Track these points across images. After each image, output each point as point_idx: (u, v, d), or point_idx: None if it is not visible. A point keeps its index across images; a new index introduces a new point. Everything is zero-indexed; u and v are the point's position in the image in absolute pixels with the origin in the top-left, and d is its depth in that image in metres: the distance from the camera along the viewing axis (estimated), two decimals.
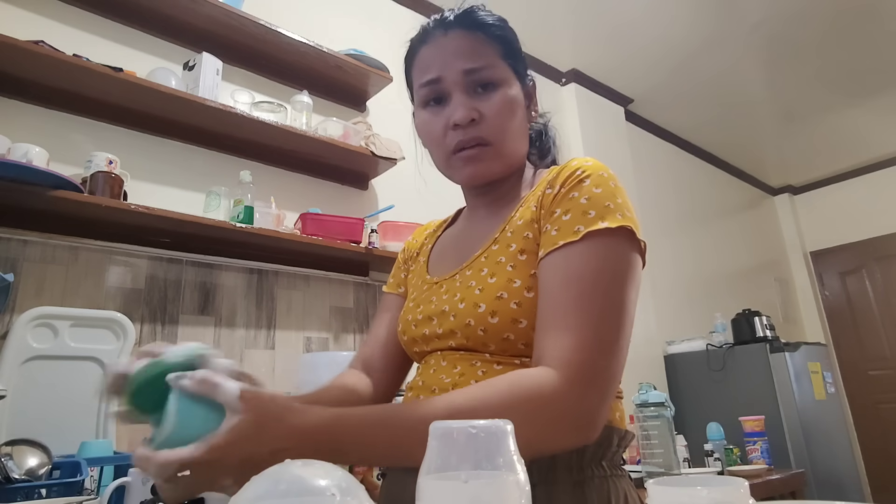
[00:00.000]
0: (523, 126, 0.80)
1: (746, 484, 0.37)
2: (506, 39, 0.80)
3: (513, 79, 0.78)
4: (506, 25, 0.82)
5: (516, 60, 0.80)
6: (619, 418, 0.71)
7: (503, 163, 0.77)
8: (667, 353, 3.23)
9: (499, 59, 0.77)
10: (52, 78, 1.46)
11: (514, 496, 0.34)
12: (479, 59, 0.76)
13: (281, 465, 0.35)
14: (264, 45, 1.88)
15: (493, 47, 0.77)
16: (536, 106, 0.84)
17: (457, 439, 0.35)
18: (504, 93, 0.76)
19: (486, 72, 0.76)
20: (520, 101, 0.78)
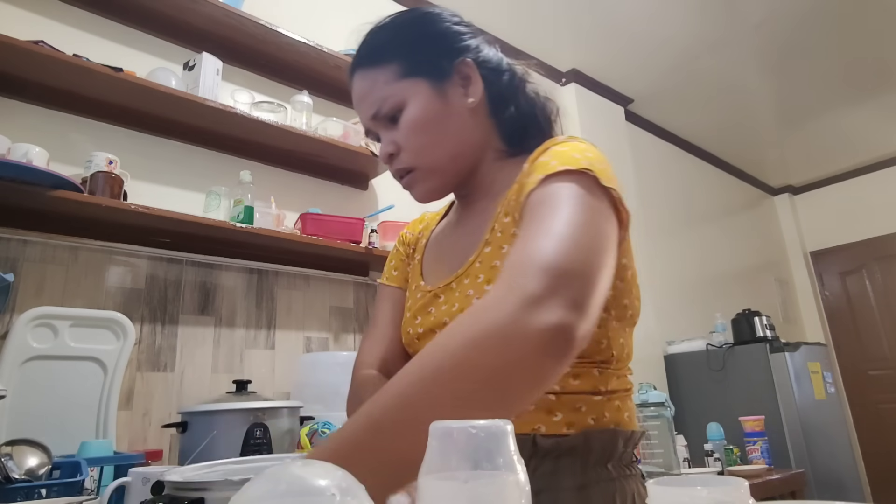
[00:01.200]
0: (449, 124, 0.74)
1: (746, 484, 0.37)
2: (402, 52, 0.75)
3: (417, 90, 0.74)
4: (394, 37, 0.77)
5: (421, 64, 0.75)
6: (628, 418, 0.69)
7: (440, 175, 0.76)
8: (667, 353, 3.23)
9: (395, 82, 0.74)
10: (52, 78, 1.46)
11: (514, 496, 0.34)
12: (376, 97, 0.75)
13: (281, 465, 0.35)
14: (264, 45, 1.88)
15: (387, 73, 0.75)
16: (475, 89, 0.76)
17: (457, 439, 0.35)
18: (407, 115, 0.73)
19: (386, 106, 0.74)
20: (430, 107, 0.73)
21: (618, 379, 0.69)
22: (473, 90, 0.76)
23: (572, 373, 0.65)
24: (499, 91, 0.79)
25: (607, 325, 0.67)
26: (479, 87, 0.76)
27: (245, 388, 1.42)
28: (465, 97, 0.76)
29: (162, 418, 1.49)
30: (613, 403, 0.68)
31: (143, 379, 1.51)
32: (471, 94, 0.76)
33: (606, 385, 0.67)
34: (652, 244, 3.47)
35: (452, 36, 0.78)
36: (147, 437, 1.48)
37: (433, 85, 0.74)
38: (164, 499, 0.68)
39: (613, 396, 0.68)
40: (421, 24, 0.79)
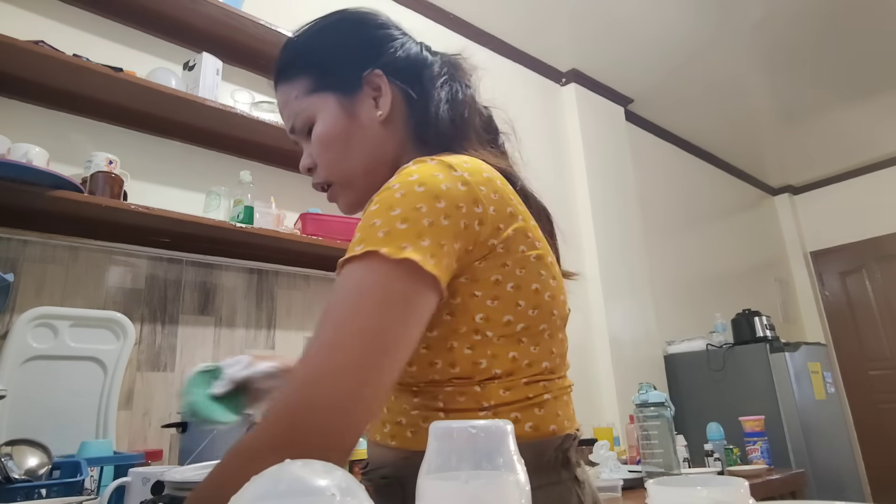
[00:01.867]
0: (358, 138, 0.73)
1: (746, 484, 0.37)
2: (307, 66, 0.75)
3: (325, 105, 0.73)
4: (305, 51, 0.76)
5: (328, 78, 0.74)
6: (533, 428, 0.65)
7: (354, 190, 0.75)
8: (667, 353, 3.23)
9: (305, 97, 0.74)
10: (52, 78, 1.46)
11: (514, 496, 0.34)
12: (290, 113, 0.76)
13: (281, 465, 0.35)
14: (264, 45, 1.88)
15: (297, 89, 0.75)
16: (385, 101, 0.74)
17: (457, 439, 0.35)
18: (316, 130, 0.73)
19: (298, 122, 0.75)
20: (336, 123, 0.73)
21: (508, 391, 0.64)
22: (383, 102, 0.74)
23: (456, 391, 0.63)
24: (418, 95, 0.75)
25: (485, 345, 0.63)
26: (388, 99, 0.74)
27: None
28: (375, 109, 0.74)
29: (162, 418, 1.49)
30: (509, 416, 0.64)
31: (142, 379, 1.51)
32: (380, 107, 0.74)
33: (493, 400, 0.63)
34: (652, 244, 3.47)
35: (364, 45, 0.76)
36: (147, 437, 1.48)
37: (340, 99, 0.74)
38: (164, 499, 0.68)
39: (502, 409, 0.64)
40: (331, 33, 0.77)
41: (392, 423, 0.67)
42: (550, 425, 0.66)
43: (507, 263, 0.63)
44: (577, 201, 3.11)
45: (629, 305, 3.06)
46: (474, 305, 0.62)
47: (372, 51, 0.76)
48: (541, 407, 0.66)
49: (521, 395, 0.65)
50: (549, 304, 0.67)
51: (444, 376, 0.63)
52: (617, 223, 3.19)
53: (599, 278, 2.93)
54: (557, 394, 0.69)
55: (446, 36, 2.76)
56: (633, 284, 3.14)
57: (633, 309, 3.08)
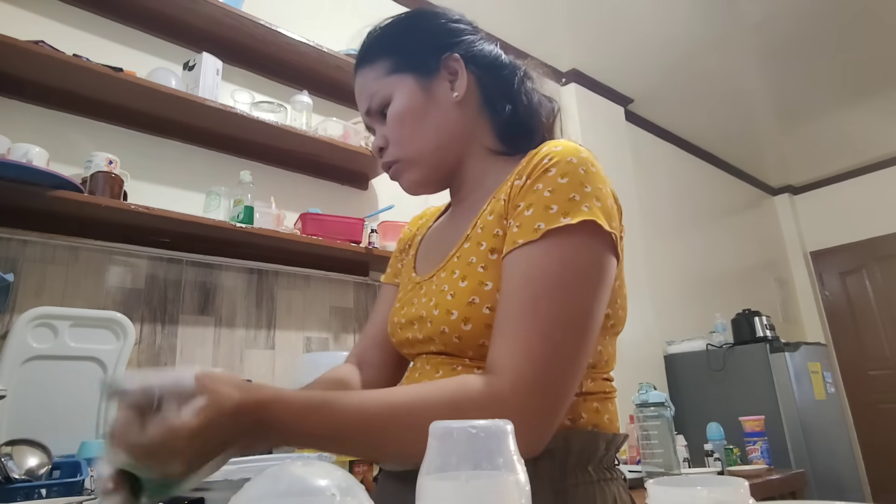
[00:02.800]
0: (433, 116, 0.76)
1: (746, 484, 0.37)
2: (392, 50, 0.78)
3: (403, 85, 0.76)
4: (384, 36, 0.80)
5: (408, 60, 0.77)
6: (609, 421, 0.69)
7: (423, 167, 0.77)
8: (667, 353, 3.23)
9: (383, 79, 0.77)
10: (52, 78, 1.46)
11: (514, 496, 0.34)
12: (367, 94, 0.78)
13: (281, 465, 0.35)
14: (264, 45, 1.88)
15: (377, 70, 0.78)
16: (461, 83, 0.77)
17: (457, 439, 0.35)
18: (392, 107, 0.76)
19: (375, 102, 0.78)
20: (413, 100, 0.76)
21: (593, 382, 0.68)
22: (458, 84, 0.77)
23: None
24: (493, 87, 0.79)
25: None
26: (465, 82, 0.77)
27: None
28: (451, 91, 0.77)
29: None
30: (591, 405, 0.67)
31: None
32: (456, 89, 0.77)
33: (580, 387, 0.66)
34: (652, 244, 3.47)
35: (443, 33, 0.79)
36: None
37: (418, 80, 0.76)
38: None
39: (589, 398, 0.67)
40: (412, 21, 0.81)
41: None
42: (616, 421, 0.71)
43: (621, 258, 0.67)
44: None
45: (629, 305, 3.05)
46: None
47: (450, 38, 0.79)
48: (612, 402, 0.72)
49: (600, 389, 0.70)
50: (623, 303, 0.73)
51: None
52: None
53: None
54: (613, 394, 0.74)
55: None
56: (632, 284, 3.11)
57: (633, 309, 3.04)
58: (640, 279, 3.20)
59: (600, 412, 0.68)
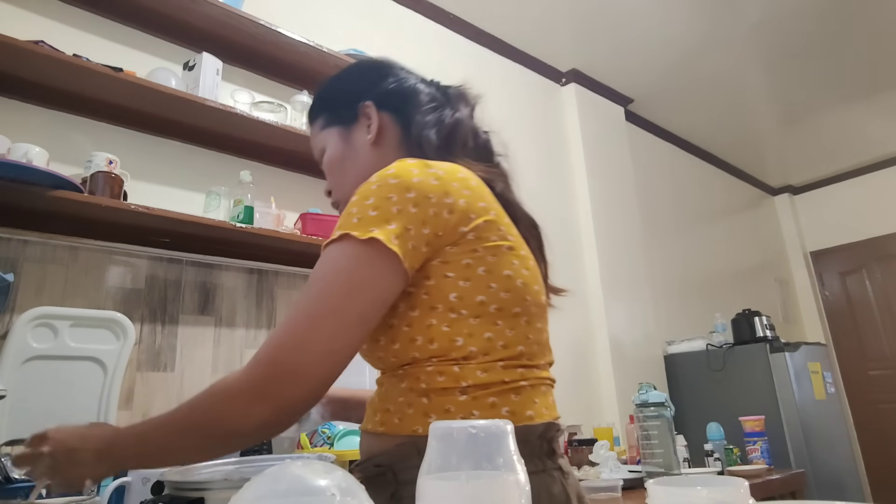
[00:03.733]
0: (352, 162, 0.87)
1: (746, 484, 0.37)
2: (321, 108, 0.92)
3: (331, 137, 0.89)
4: (318, 96, 0.94)
5: (333, 116, 0.90)
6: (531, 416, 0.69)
7: None
8: (667, 353, 3.23)
9: (319, 133, 0.91)
10: (52, 78, 1.46)
11: (514, 496, 0.34)
12: (313, 146, 0.93)
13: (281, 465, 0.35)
14: (264, 45, 1.88)
15: (316, 128, 0.92)
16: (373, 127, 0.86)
17: (457, 439, 0.35)
18: (324, 159, 0.90)
19: (317, 154, 0.92)
20: (337, 149, 0.88)
21: (486, 373, 0.68)
22: (372, 127, 0.86)
23: (436, 371, 0.68)
24: (412, 120, 0.86)
25: (461, 323, 0.69)
26: (376, 125, 0.86)
27: None
28: (367, 135, 0.87)
29: None
30: (484, 401, 0.68)
31: (143, 379, 1.51)
32: (370, 132, 0.86)
33: (469, 380, 0.67)
34: (652, 244, 3.47)
35: (360, 84, 0.91)
36: None
37: (341, 131, 0.88)
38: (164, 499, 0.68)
39: (486, 392, 0.68)
40: (342, 79, 0.93)
41: (381, 411, 0.72)
42: (527, 411, 0.70)
43: (478, 249, 0.70)
44: (577, 201, 3.11)
45: (629, 305, 3.06)
46: (447, 285, 0.69)
47: (367, 88, 0.90)
48: (517, 393, 0.70)
49: (497, 378, 0.69)
50: (522, 290, 0.72)
51: (423, 354, 0.69)
52: (617, 223, 3.19)
53: (599, 278, 2.93)
54: (535, 383, 0.73)
55: (446, 36, 2.76)
56: (633, 284, 3.14)
57: (633, 309, 3.08)
58: (640, 279, 3.20)
59: (497, 406, 0.67)
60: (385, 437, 0.70)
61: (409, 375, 0.70)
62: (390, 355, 0.71)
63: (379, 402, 0.74)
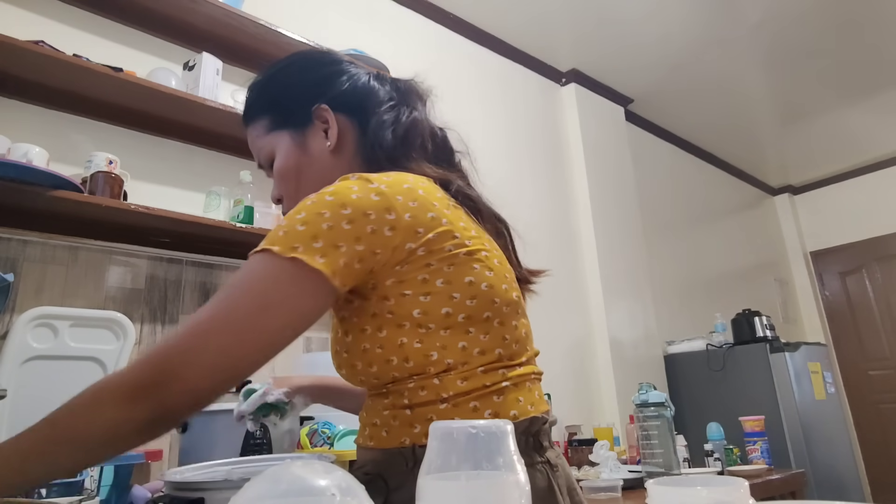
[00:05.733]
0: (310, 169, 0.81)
1: (746, 484, 0.37)
2: (264, 107, 0.84)
3: (281, 142, 0.82)
4: (259, 93, 0.85)
5: (283, 117, 0.82)
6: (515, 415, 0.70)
7: None
8: (667, 353, 3.23)
9: (264, 136, 0.83)
10: (52, 78, 1.46)
11: (514, 496, 0.34)
12: (254, 150, 0.86)
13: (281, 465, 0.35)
14: (264, 45, 1.88)
15: (258, 129, 0.84)
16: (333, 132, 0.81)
17: (457, 439, 0.35)
18: (275, 166, 0.82)
19: (262, 158, 0.84)
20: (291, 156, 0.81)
21: (466, 381, 0.68)
22: (331, 133, 0.81)
23: (417, 386, 0.68)
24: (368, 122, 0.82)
25: (432, 337, 0.68)
26: (335, 131, 0.81)
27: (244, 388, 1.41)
28: (325, 140, 0.81)
29: None
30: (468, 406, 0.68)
31: None
32: (329, 138, 0.81)
33: (451, 390, 0.68)
34: (652, 244, 3.46)
35: (311, 84, 0.84)
36: None
37: (293, 136, 0.82)
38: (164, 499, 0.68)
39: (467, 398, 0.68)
40: (286, 75, 0.85)
41: (369, 425, 0.73)
42: (511, 410, 0.70)
43: (432, 263, 0.68)
44: (577, 201, 3.11)
45: (629, 305, 3.06)
46: (408, 303, 0.67)
47: (320, 87, 0.83)
48: (500, 394, 0.70)
49: (478, 384, 0.69)
50: (488, 293, 0.71)
51: (402, 373, 0.68)
52: (617, 223, 3.19)
53: (599, 278, 2.93)
54: (518, 381, 0.73)
55: (446, 36, 2.76)
56: (633, 284, 3.14)
57: (633, 309, 3.07)
58: (640, 279, 3.20)
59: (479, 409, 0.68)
60: (375, 450, 0.72)
61: (392, 392, 0.71)
62: (371, 377, 0.71)
63: (367, 417, 0.75)
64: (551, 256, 2.82)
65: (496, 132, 2.82)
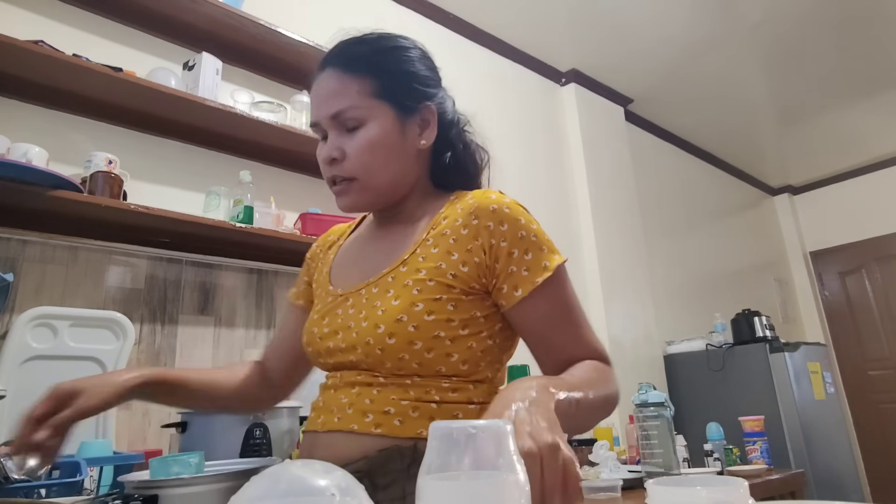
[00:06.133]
0: (394, 159, 0.81)
1: (746, 484, 0.37)
2: (385, 72, 0.81)
3: (383, 114, 0.80)
4: (374, 56, 0.82)
5: (393, 92, 0.81)
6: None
7: (372, 194, 0.82)
8: (667, 353, 3.23)
9: (366, 98, 0.79)
10: (52, 78, 1.46)
11: (514, 496, 0.34)
12: (344, 100, 0.79)
13: (280, 465, 0.35)
14: (264, 45, 1.88)
15: (361, 85, 0.80)
16: (430, 133, 0.84)
17: (457, 439, 0.35)
18: (366, 132, 0.79)
19: (350, 112, 0.79)
20: (389, 139, 0.80)
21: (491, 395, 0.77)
22: (428, 135, 0.84)
23: (451, 387, 0.74)
24: (444, 139, 0.86)
25: (491, 352, 0.78)
26: (433, 134, 0.84)
27: None
28: (419, 138, 0.83)
29: (162, 418, 1.49)
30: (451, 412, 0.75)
31: None
32: (425, 138, 0.83)
33: (480, 398, 0.75)
34: (651, 244, 3.46)
35: (424, 79, 0.85)
36: (146, 436, 1.48)
37: (398, 115, 0.81)
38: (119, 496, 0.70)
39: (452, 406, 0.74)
40: (400, 55, 0.85)
41: (378, 412, 0.72)
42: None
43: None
44: (576, 201, 3.11)
45: (629, 305, 3.06)
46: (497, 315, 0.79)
47: (431, 86, 0.86)
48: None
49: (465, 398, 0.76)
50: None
51: (450, 371, 0.73)
52: (617, 223, 3.19)
53: (599, 278, 2.93)
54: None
55: (446, 36, 2.76)
56: (633, 284, 3.13)
57: (633, 309, 3.07)
58: (639, 279, 3.20)
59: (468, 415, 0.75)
60: (379, 438, 0.70)
61: (418, 386, 0.73)
62: (413, 362, 0.72)
63: (370, 404, 0.73)
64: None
65: (496, 132, 2.81)
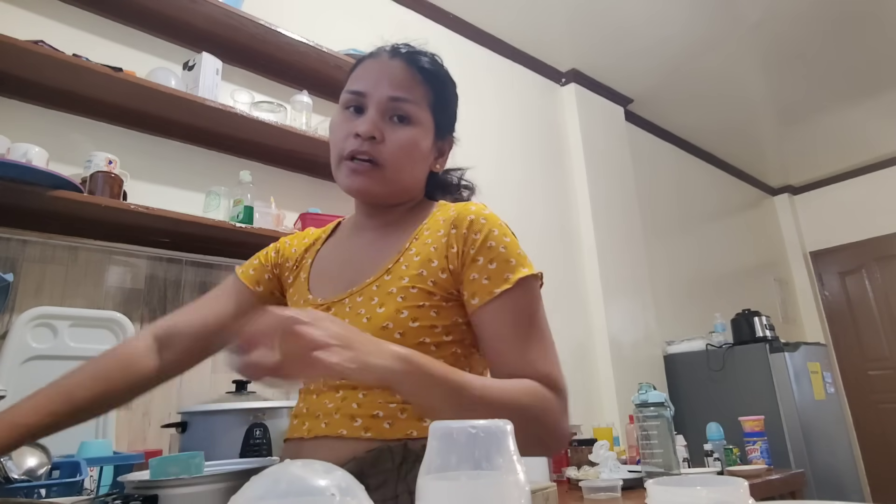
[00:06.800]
0: (419, 168, 0.86)
1: (746, 484, 0.37)
2: (442, 93, 0.88)
3: (428, 127, 0.85)
4: (447, 81, 0.90)
5: (442, 115, 0.88)
6: None
7: (387, 188, 0.84)
8: (667, 353, 3.23)
9: (424, 103, 0.84)
10: (52, 78, 1.46)
11: (514, 496, 0.34)
12: (409, 92, 0.83)
13: (281, 465, 0.35)
14: (264, 45, 1.88)
15: (425, 91, 0.85)
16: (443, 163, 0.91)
17: (457, 439, 0.35)
18: (413, 132, 0.83)
19: (408, 106, 0.82)
20: (424, 148, 0.85)
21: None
22: (441, 162, 0.91)
23: None
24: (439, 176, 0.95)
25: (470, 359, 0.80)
26: (446, 162, 0.92)
27: (245, 388, 1.42)
28: (436, 161, 0.90)
29: (162, 418, 1.49)
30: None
31: None
32: (438, 164, 0.90)
33: None
34: (651, 244, 3.47)
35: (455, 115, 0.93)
36: (147, 436, 1.48)
37: (436, 133, 0.87)
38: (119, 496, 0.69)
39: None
40: (452, 86, 0.92)
41: (366, 416, 0.73)
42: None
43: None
44: (576, 201, 3.11)
45: (629, 305, 3.06)
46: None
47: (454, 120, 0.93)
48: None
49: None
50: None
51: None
52: (617, 223, 3.19)
53: (599, 278, 2.93)
54: None
55: (446, 36, 2.76)
56: (633, 284, 3.13)
57: (633, 309, 3.07)
58: (639, 279, 3.20)
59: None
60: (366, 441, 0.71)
61: None
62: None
63: (358, 408, 0.73)
64: (551, 256, 2.83)
65: (496, 132, 2.81)
